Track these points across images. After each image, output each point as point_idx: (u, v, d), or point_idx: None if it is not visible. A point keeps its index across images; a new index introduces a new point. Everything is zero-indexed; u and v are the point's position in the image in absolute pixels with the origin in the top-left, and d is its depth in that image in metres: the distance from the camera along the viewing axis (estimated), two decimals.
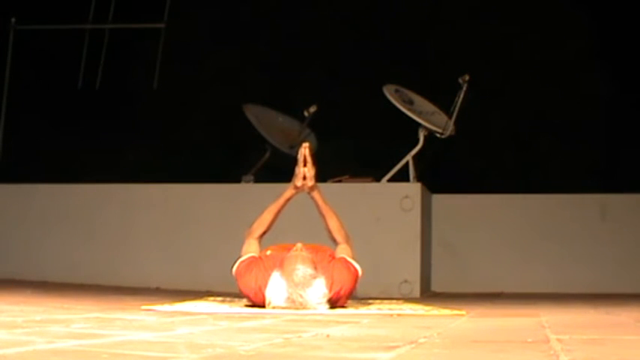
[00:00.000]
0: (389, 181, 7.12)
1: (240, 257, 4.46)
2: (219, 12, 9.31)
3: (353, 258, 4.48)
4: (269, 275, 4.12)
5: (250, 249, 4.51)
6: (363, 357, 2.01)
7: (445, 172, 8.03)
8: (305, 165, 4.60)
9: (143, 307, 3.96)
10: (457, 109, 7.11)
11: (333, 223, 4.61)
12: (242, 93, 8.32)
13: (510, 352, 2.12)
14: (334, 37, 9.03)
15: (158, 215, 7.31)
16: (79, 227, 7.35)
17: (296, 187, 4.64)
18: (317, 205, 4.66)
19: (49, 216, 7.42)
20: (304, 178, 4.60)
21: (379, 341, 2.39)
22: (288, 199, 4.67)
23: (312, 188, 4.62)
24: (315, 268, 4.07)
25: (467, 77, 7.03)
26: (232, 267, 4.43)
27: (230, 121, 8.40)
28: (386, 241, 6.82)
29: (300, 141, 7.64)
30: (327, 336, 2.58)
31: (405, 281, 6.72)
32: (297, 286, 3.99)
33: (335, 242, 4.61)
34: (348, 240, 4.59)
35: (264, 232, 4.64)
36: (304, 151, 4.61)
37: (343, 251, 4.51)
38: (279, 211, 4.67)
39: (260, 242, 4.60)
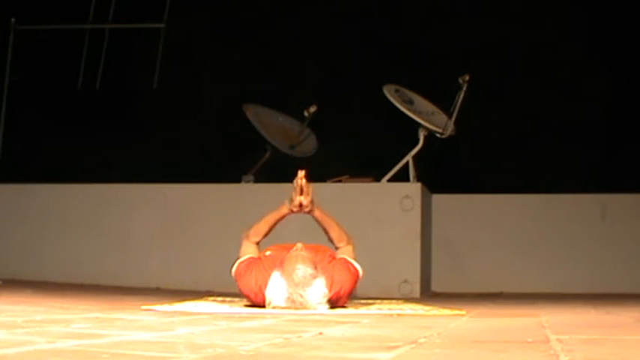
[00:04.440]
0: (389, 181, 7.12)
1: (238, 258, 4.46)
2: (219, 12, 9.31)
3: (354, 259, 4.48)
4: (269, 275, 4.12)
5: (248, 250, 4.50)
6: (363, 357, 2.01)
7: (445, 172, 8.02)
8: (301, 193, 4.53)
9: (143, 307, 3.96)
10: (457, 109, 7.11)
11: (335, 233, 4.57)
12: (242, 93, 8.31)
13: (510, 352, 2.12)
14: (334, 37, 9.02)
15: (158, 215, 7.31)
16: (78, 227, 7.35)
17: (292, 210, 4.60)
18: (318, 222, 4.62)
19: (49, 216, 7.42)
20: (300, 205, 4.55)
21: (379, 341, 2.39)
22: (284, 216, 4.63)
23: (310, 210, 4.57)
24: (315, 268, 4.08)
25: (467, 77, 7.03)
26: (231, 268, 4.43)
27: (230, 121, 8.40)
28: (386, 241, 6.82)
29: (300, 141, 7.67)
30: (320, 333, 2.58)
31: (405, 281, 6.72)
32: (298, 286, 3.99)
33: (337, 248, 4.59)
34: (349, 242, 4.58)
35: (260, 240, 4.61)
36: (300, 181, 4.51)
37: (344, 252, 4.51)
38: (275, 224, 4.63)
39: (258, 247, 4.59)
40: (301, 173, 4.53)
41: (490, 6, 8.77)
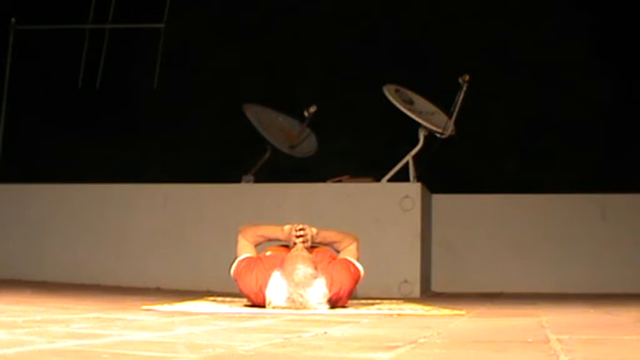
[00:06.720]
0: (389, 181, 7.12)
1: (237, 258, 4.45)
2: (219, 12, 9.31)
3: (358, 258, 4.47)
4: (269, 275, 4.12)
5: (246, 249, 4.49)
6: (363, 357, 2.01)
7: (445, 172, 8.03)
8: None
9: (143, 307, 3.96)
10: (457, 109, 7.11)
11: (339, 243, 4.55)
12: (242, 93, 8.32)
13: (510, 352, 2.12)
14: (334, 37, 9.03)
15: (158, 215, 7.31)
16: (79, 227, 7.35)
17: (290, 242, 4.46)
18: (321, 244, 4.61)
19: (49, 216, 7.42)
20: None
21: (379, 341, 2.39)
22: (280, 240, 4.57)
23: (313, 240, 4.48)
24: (316, 268, 4.08)
25: (467, 77, 7.02)
26: (230, 267, 4.42)
27: (230, 121, 8.40)
28: (386, 241, 6.82)
29: (300, 141, 7.66)
30: (325, 333, 2.58)
31: (405, 281, 6.71)
32: (298, 286, 3.99)
33: (339, 251, 4.57)
34: (353, 240, 4.56)
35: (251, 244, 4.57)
36: (297, 239, 4.35)
37: (347, 252, 4.50)
38: (269, 241, 4.61)
39: (254, 247, 4.56)
40: (299, 245, 4.33)
41: (490, 6, 8.77)
